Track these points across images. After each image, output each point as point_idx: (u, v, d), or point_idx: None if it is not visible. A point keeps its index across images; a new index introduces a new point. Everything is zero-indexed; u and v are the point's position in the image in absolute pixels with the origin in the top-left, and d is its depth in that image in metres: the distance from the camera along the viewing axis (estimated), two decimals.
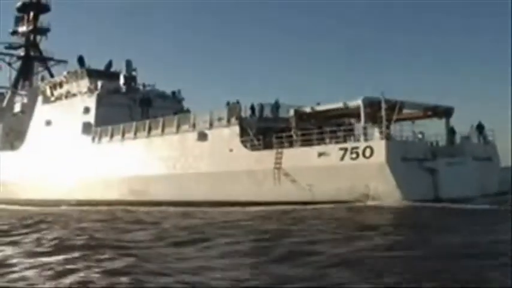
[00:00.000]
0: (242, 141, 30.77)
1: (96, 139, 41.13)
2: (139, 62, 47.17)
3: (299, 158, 28.08)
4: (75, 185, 42.05)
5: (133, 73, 46.27)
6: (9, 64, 57.85)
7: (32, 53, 57.88)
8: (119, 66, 46.93)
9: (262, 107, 32.76)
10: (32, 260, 13.85)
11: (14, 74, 58.40)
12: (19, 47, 58.38)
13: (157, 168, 35.76)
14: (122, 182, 38.06)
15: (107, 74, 46.71)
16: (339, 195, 26.08)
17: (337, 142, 27.66)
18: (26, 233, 20.99)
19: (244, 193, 29.84)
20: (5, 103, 55.34)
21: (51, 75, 56.55)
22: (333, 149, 26.83)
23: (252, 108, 32.77)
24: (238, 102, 32.96)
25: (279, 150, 28.81)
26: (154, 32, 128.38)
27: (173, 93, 47.80)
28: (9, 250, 16.13)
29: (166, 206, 32.44)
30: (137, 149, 37.53)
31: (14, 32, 58.43)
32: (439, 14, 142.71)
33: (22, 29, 57.37)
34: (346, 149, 26.21)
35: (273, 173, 28.70)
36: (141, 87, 46.33)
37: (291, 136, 29.01)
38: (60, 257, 14.02)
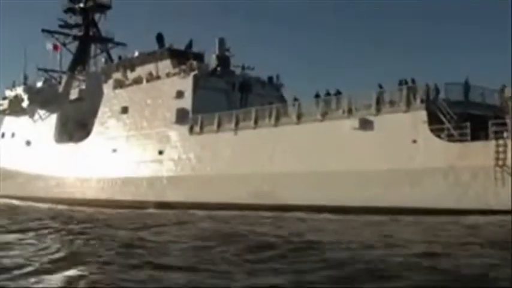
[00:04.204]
0: (433, 130, 23.74)
1: (196, 129, 33.98)
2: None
3: None
4: (165, 184, 34.89)
5: (227, 53, 39.16)
6: (64, 45, 50.41)
7: (91, 33, 50.50)
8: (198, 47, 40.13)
9: (437, 89, 25.71)
10: None
11: (65, 56, 51.11)
12: (75, 25, 51.03)
13: (291, 165, 28.65)
14: (236, 182, 30.88)
15: (190, 55, 39.49)
16: None
17: None
18: None
19: (438, 198, 22.86)
20: (60, 89, 47.92)
21: (111, 59, 49.36)
22: None
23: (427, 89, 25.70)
24: (414, 82, 25.90)
25: (501, 142, 21.77)
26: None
27: (270, 78, 40.58)
28: None
29: (304, 212, 25.57)
30: (260, 141, 30.42)
31: (69, 10, 51.05)
32: None
33: (80, 5, 49.97)
34: None
35: (493, 172, 21.68)
36: (236, 71, 39.10)
37: None
38: None
